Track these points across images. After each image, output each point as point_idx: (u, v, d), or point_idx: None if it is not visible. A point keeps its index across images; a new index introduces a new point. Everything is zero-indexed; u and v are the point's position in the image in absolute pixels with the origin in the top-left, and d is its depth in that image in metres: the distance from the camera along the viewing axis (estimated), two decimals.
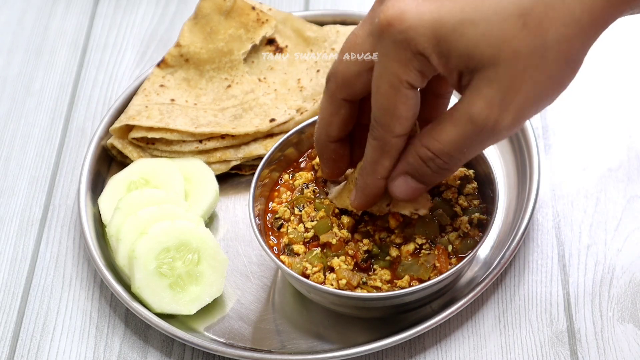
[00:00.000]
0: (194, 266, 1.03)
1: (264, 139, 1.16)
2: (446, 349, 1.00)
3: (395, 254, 0.98)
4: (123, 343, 1.03)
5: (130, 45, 1.33)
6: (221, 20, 1.22)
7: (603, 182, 1.12)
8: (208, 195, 1.11)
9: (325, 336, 1.01)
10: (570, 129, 1.17)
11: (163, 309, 1.01)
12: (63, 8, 1.39)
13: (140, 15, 1.37)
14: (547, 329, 1.00)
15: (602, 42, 1.25)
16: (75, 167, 1.19)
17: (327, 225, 0.99)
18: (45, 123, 1.25)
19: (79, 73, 1.31)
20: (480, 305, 1.02)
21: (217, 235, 1.11)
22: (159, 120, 1.14)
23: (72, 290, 1.08)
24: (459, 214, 1.00)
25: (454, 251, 0.98)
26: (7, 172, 1.20)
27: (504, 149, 1.15)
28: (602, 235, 1.07)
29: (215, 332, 1.02)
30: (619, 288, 1.02)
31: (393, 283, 0.97)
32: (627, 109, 1.19)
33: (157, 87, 1.19)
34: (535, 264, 1.05)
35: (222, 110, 1.17)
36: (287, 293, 1.05)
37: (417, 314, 1.00)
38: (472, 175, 1.03)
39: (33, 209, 1.16)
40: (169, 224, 1.02)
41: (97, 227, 1.10)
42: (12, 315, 1.06)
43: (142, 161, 1.13)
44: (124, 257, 1.04)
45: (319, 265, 0.97)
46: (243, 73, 1.20)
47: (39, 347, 1.03)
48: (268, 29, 1.22)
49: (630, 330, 0.99)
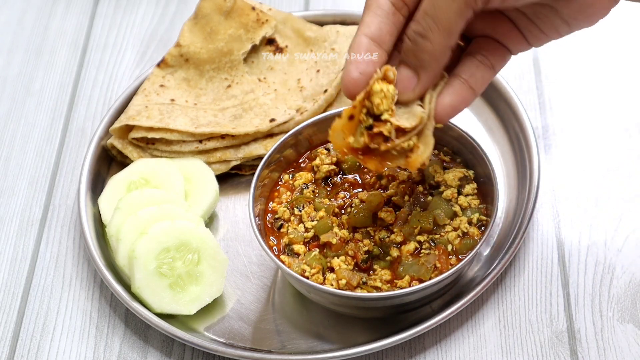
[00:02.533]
0: (194, 266, 1.03)
1: (263, 139, 1.16)
2: (446, 349, 1.00)
3: (396, 254, 0.98)
4: (123, 343, 1.03)
5: (130, 45, 1.33)
6: (221, 21, 1.22)
7: (603, 182, 1.12)
8: (208, 195, 1.11)
9: (325, 336, 1.01)
10: (570, 129, 1.17)
11: (163, 309, 1.01)
12: (63, 8, 1.39)
13: (140, 15, 1.37)
14: (547, 329, 1.00)
15: (603, 42, 1.26)
16: (75, 167, 1.19)
17: (327, 225, 0.99)
18: (45, 123, 1.25)
19: (79, 73, 1.31)
20: (480, 305, 1.02)
21: (217, 235, 1.11)
22: (159, 121, 1.14)
23: (72, 290, 1.08)
24: (458, 214, 1.00)
25: (454, 251, 0.98)
26: (7, 172, 1.20)
27: (504, 149, 1.15)
28: (602, 236, 1.07)
29: (215, 332, 1.02)
30: (619, 288, 1.02)
31: (393, 283, 0.97)
32: (627, 109, 1.19)
33: (157, 87, 1.19)
34: (535, 264, 1.05)
35: (222, 110, 1.17)
36: (287, 293, 1.05)
37: (417, 314, 1.00)
38: (472, 176, 1.03)
39: (33, 209, 1.16)
40: (169, 224, 1.02)
41: (97, 227, 1.10)
42: (12, 315, 1.06)
43: (142, 161, 1.13)
44: (124, 257, 1.04)
45: (317, 267, 0.97)
46: (243, 73, 1.20)
47: (38, 347, 1.03)
48: (268, 29, 1.22)
49: (630, 330, 0.99)
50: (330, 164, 1.05)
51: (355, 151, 0.90)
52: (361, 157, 0.90)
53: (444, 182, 1.02)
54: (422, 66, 0.86)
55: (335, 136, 0.91)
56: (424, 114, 0.87)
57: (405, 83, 0.87)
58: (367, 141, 0.88)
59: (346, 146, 0.90)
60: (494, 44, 0.92)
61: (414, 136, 0.88)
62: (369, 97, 0.87)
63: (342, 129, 0.90)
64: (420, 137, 0.88)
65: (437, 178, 1.02)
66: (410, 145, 0.88)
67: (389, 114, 0.87)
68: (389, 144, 0.88)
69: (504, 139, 1.16)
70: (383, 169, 0.90)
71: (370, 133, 0.88)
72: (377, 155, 0.90)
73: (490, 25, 0.91)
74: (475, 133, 1.08)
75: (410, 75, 0.87)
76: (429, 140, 0.88)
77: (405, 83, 0.87)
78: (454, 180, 1.02)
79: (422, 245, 0.98)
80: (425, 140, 0.88)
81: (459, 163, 1.05)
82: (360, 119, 0.88)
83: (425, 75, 0.87)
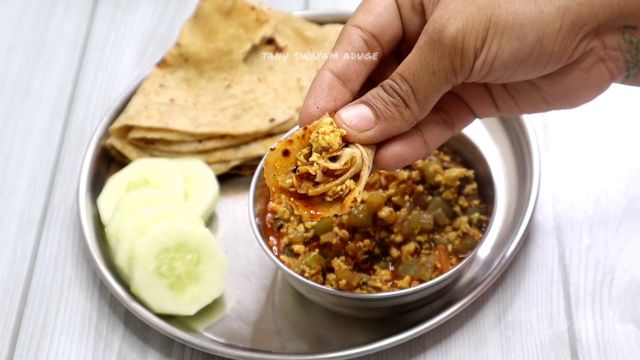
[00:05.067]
0: (194, 266, 1.02)
1: (263, 139, 1.16)
2: (446, 349, 1.00)
3: (396, 254, 0.98)
4: (122, 343, 1.03)
5: (130, 45, 1.33)
6: (221, 20, 1.22)
7: (603, 182, 1.12)
8: (208, 196, 1.11)
9: (325, 336, 1.01)
10: (570, 129, 1.17)
11: (163, 309, 1.01)
12: (62, 8, 1.39)
13: (139, 15, 1.37)
14: (547, 329, 1.00)
15: None
16: (74, 167, 1.19)
17: (327, 225, 0.99)
18: (45, 123, 1.25)
19: (78, 73, 1.30)
20: (480, 305, 1.02)
21: (217, 235, 1.11)
22: (158, 120, 1.14)
23: (72, 290, 1.08)
24: (458, 214, 1.00)
25: (454, 251, 0.98)
26: (6, 172, 1.20)
27: (504, 149, 1.15)
28: (603, 236, 1.07)
29: (215, 333, 1.02)
30: (620, 288, 1.02)
31: (393, 283, 0.96)
32: (627, 109, 1.19)
33: (156, 87, 1.19)
34: (535, 264, 1.05)
35: (222, 110, 1.17)
36: (287, 293, 1.05)
37: (417, 314, 1.00)
38: (472, 176, 1.03)
39: (32, 209, 1.16)
40: (169, 224, 1.02)
41: (96, 227, 1.10)
42: (12, 315, 1.06)
43: (141, 161, 1.13)
44: (124, 258, 1.03)
45: (317, 267, 0.97)
46: (243, 73, 1.20)
47: (38, 347, 1.03)
48: (268, 28, 1.21)
49: (630, 331, 0.99)
50: None
51: (286, 192, 0.83)
52: (292, 201, 0.82)
53: (444, 182, 1.02)
54: (387, 119, 0.82)
55: (267, 172, 0.83)
56: (357, 154, 0.81)
57: (363, 123, 0.82)
58: (294, 183, 0.81)
59: (275, 185, 0.83)
60: (460, 103, 0.89)
61: (349, 180, 0.81)
62: (310, 133, 0.81)
63: (273, 165, 0.83)
64: (358, 182, 0.81)
65: (437, 178, 1.02)
66: (344, 189, 0.81)
67: (320, 156, 0.81)
68: (317, 188, 0.81)
69: (504, 138, 1.16)
70: (315, 217, 0.82)
71: (297, 175, 0.81)
72: (310, 201, 0.82)
73: (462, 86, 0.88)
74: (475, 133, 1.08)
75: (371, 117, 0.82)
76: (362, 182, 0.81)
77: (363, 123, 0.82)
78: (454, 180, 1.02)
79: (422, 246, 0.98)
80: (361, 182, 0.82)
81: (459, 163, 1.05)
82: (296, 157, 0.82)
83: (385, 127, 0.82)
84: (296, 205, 0.82)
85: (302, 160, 0.81)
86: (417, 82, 0.81)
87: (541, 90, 0.86)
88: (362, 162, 0.81)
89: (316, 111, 0.83)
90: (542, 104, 0.87)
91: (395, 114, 0.82)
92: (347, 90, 0.84)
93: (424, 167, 1.03)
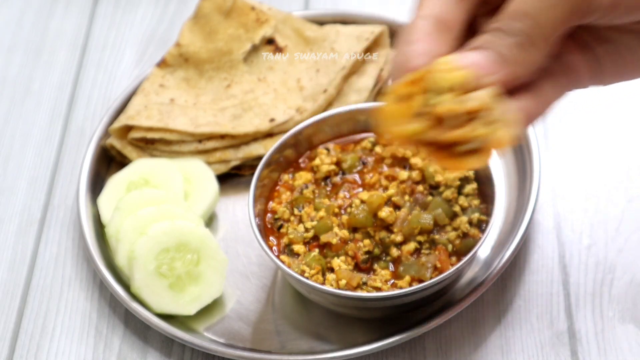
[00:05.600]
0: (194, 266, 1.02)
1: (263, 139, 1.16)
2: (446, 349, 1.00)
3: (396, 254, 0.98)
4: (122, 343, 1.03)
5: (130, 45, 1.33)
6: (221, 20, 1.22)
7: (603, 182, 1.12)
8: (208, 196, 1.11)
9: (325, 336, 1.01)
10: (570, 129, 1.17)
11: (163, 309, 1.01)
12: (62, 8, 1.39)
13: (139, 15, 1.37)
14: (547, 329, 1.00)
15: None
16: (74, 167, 1.19)
17: (327, 225, 0.99)
18: (45, 123, 1.25)
19: (78, 73, 1.30)
20: (480, 305, 1.02)
21: (217, 235, 1.11)
22: (158, 120, 1.14)
23: (72, 290, 1.08)
24: (458, 214, 1.00)
25: (454, 251, 0.98)
26: (6, 172, 1.20)
27: (504, 149, 1.15)
28: (603, 236, 1.07)
29: (215, 333, 1.02)
30: (620, 288, 1.02)
31: (393, 283, 0.96)
32: (628, 109, 1.19)
33: (156, 87, 1.19)
34: (535, 264, 1.05)
35: (222, 110, 1.17)
36: (287, 293, 1.05)
37: (417, 314, 1.00)
38: (472, 176, 1.03)
39: (32, 209, 1.16)
40: (169, 224, 1.02)
41: (96, 228, 1.10)
42: (12, 315, 1.06)
43: (141, 161, 1.13)
44: (124, 258, 1.03)
45: (317, 267, 0.97)
46: (243, 73, 1.20)
47: (38, 347, 1.03)
48: (268, 28, 1.21)
49: (630, 331, 0.99)
50: (330, 163, 1.05)
51: (418, 143, 0.71)
52: (430, 150, 0.71)
53: (444, 182, 1.02)
54: (511, 62, 0.71)
55: (390, 124, 0.72)
56: (488, 95, 0.69)
57: (489, 66, 0.70)
58: (423, 129, 0.70)
59: (405, 134, 0.71)
60: None
61: (481, 125, 0.70)
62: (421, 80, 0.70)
63: (394, 114, 0.71)
64: (491, 124, 0.71)
65: (437, 178, 1.02)
66: (488, 133, 0.70)
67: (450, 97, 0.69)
68: (454, 133, 0.69)
69: None
70: (460, 168, 0.73)
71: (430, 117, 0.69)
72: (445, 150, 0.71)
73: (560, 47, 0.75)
74: None
75: (495, 59, 0.70)
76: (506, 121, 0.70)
77: (486, 66, 0.70)
78: (454, 180, 1.02)
79: (423, 246, 0.98)
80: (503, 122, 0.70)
81: None
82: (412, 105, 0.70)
83: (513, 69, 0.71)
84: (436, 155, 0.71)
85: (427, 103, 0.70)
86: (540, 15, 0.70)
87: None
88: (495, 106, 0.70)
89: (421, 58, 0.71)
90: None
91: (521, 56, 0.71)
92: (449, 35, 0.73)
93: (424, 167, 1.03)
